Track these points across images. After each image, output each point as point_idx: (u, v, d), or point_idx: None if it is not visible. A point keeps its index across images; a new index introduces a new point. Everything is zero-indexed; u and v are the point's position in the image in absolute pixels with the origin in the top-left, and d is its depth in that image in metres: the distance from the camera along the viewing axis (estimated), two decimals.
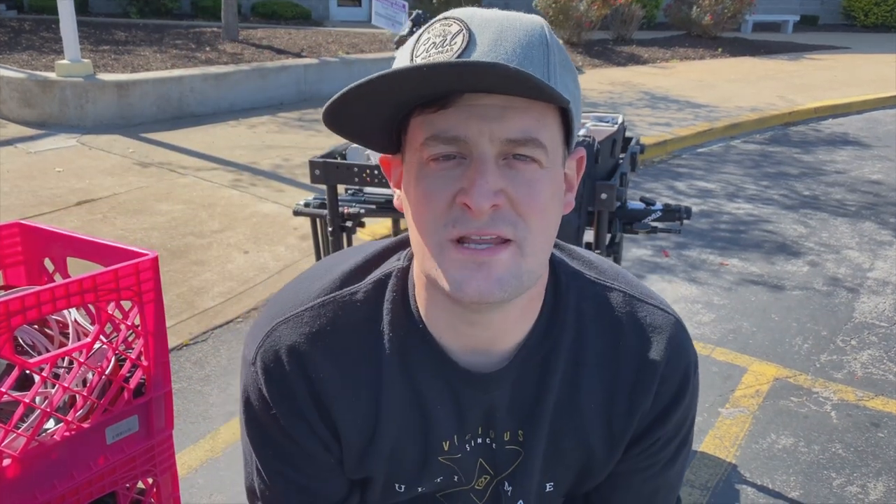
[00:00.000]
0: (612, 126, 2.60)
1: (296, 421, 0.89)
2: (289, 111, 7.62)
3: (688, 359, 0.91)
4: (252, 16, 12.45)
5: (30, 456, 1.23)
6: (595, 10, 12.20)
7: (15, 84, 6.62)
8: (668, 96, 9.08)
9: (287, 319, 0.88)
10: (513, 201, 0.73)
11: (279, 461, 0.93)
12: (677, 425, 0.93)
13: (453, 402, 0.89)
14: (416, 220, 0.77)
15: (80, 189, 4.94)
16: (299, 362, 0.87)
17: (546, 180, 0.75)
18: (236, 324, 3.34)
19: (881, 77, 11.11)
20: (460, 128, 0.72)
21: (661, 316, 0.90)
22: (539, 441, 0.91)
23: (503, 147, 0.72)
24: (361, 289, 0.89)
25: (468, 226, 0.73)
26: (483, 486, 0.96)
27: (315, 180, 2.37)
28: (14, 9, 10.87)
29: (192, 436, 2.58)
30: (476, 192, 0.71)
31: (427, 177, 0.75)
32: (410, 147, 0.77)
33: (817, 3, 21.06)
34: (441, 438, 0.91)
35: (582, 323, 0.89)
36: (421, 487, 0.96)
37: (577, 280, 0.90)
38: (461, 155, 0.73)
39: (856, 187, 5.83)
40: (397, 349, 0.87)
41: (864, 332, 3.44)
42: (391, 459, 0.92)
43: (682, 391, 0.90)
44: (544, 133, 0.74)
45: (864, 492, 2.36)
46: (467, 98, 0.71)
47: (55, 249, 1.53)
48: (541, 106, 0.73)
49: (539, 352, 0.87)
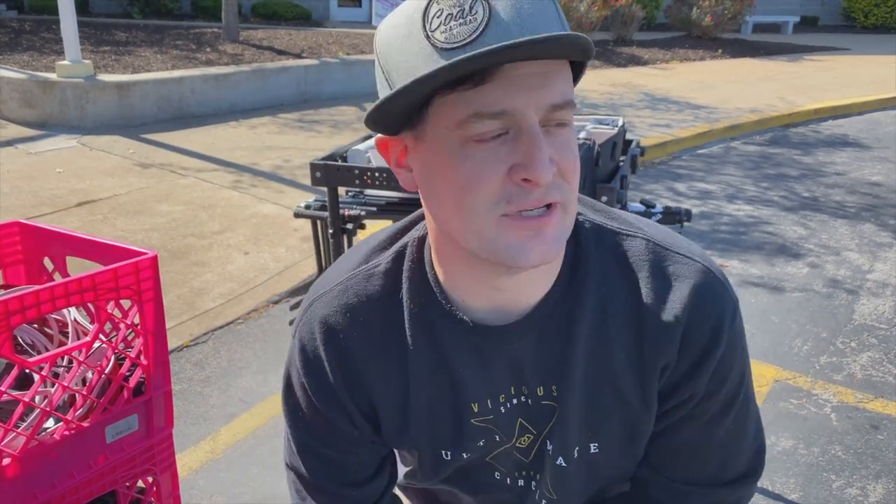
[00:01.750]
0: (613, 128, 2.61)
1: (324, 394, 0.92)
2: (289, 112, 7.62)
3: (720, 307, 0.87)
4: (252, 16, 12.45)
5: (29, 455, 1.24)
6: (595, 11, 12.21)
7: (15, 84, 6.63)
8: (669, 97, 9.08)
9: (320, 296, 0.93)
10: (560, 167, 0.75)
11: (308, 434, 0.97)
12: (718, 378, 0.89)
13: (478, 361, 0.89)
14: (457, 201, 0.75)
15: (81, 190, 4.94)
16: (330, 334, 0.91)
17: (574, 140, 0.78)
18: (237, 325, 3.34)
19: (881, 78, 11.11)
20: (506, 101, 0.70)
21: (686, 263, 0.87)
22: (573, 395, 0.89)
23: (546, 114, 0.73)
24: (383, 261, 0.92)
25: (527, 198, 0.73)
26: (527, 445, 0.96)
27: (316, 182, 2.37)
28: (14, 9, 10.87)
29: (193, 437, 2.58)
30: (539, 167, 0.71)
31: (471, 157, 0.73)
32: (438, 126, 0.74)
33: (817, 4, 21.06)
34: (470, 400, 0.91)
35: (605, 272, 0.87)
36: (466, 453, 0.96)
37: (597, 231, 0.89)
38: (503, 130, 0.72)
39: (856, 189, 5.83)
40: (417, 315, 0.89)
41: (864, 333, 3.44)
42: (429, 425, 0.93)
43: (714, 341, 0.86)
44: (572, 93, 0.76)
45: (863, 494, 2.35)
46: (507, 70, 0.69)
47: (54, 248, 1.53)
48: (565, 65, 0.75)
49: (564, 304, 0.87)
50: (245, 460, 2.47)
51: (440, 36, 0.70)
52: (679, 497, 0.97)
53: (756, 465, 0.98)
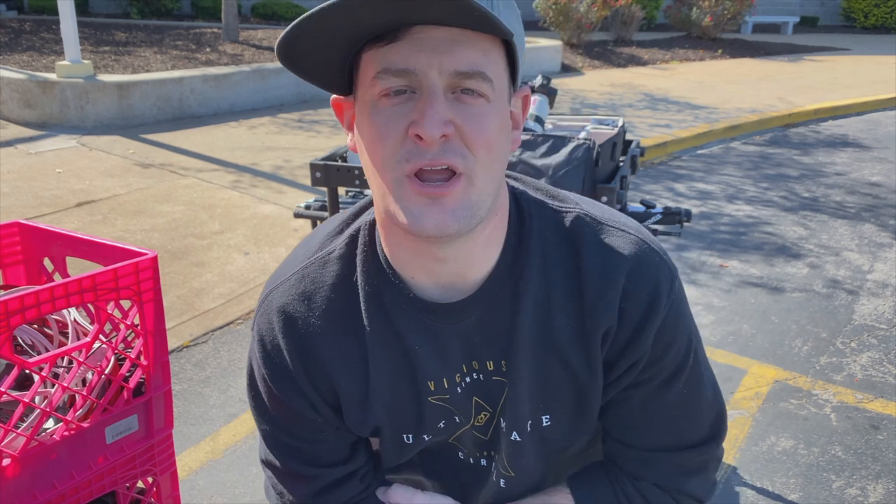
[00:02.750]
0: (613, 129, 2.61)
1: (285, 383, 0.93)
2: (289, 112, 7.62)
3: (655, 275, 0.89)
4: (252, 16, 12.46)
5: (29, 455, 1.23)
6: (595, 12, 12.21)
7: (15, 85, 6.63)
8: (668, 98, 9.08)
9: (277, 286, 0.95)
10: (462, 133, 0.76)
11: (274, 426, 0.98)
12: (662, 344, 0.91)
13: (431, 339, 0.91)
14: (371, 157, 0.79)
15: (81, 190, 4.94)
16: (288, 322, 0.92)
17: (493, 114, 0.78)
18: (237, 325, 3.34)
19: (881, 78, 11.12)
20: (410, 60, 0.74)
21: (622, 236, 0.90)
22: (521, 368, 0.92)
23: (451, 80, 0.75)
24: (337, 247, 0.94)
25: (421, 157, 0.75)
26: (483, 422, 0.98)
27: (316, 183, 2.37)
28: (14, 9, 10.88)
29: (193, 437, 2.58)
30: (427, 122, 0.73)
31: (379, 114, 0.77)
32: (362, 85, 0.79)
33: (817, 4, 21.07)
34: (427, 378, 0.93)
35: (546, 248, 0.90)
36: (427, 435, 0.98)
37: (539, 208, 0.92)
38: (411, 89, 0.75)
39: (856, 189, 5.83)
40: (372, 296, 0.91)
41: (864, 334, 3.44)
42: (390, 408, 0.95)
43: (653, 307, 0.88)
44: (491, 68, 0.76)
45: (863, 494, 2.35)
46: (416, 31, 0.73)
47: (54, 249, 1.53)
48: (486, 40, 0.76)
49: (508, 279, 0.89)
50: (245, 460, 2.47)
51: None
52: (645, 464, 0.99)
53: (718, 427, 1.00)
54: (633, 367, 0.92)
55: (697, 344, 0.96)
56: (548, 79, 2.59)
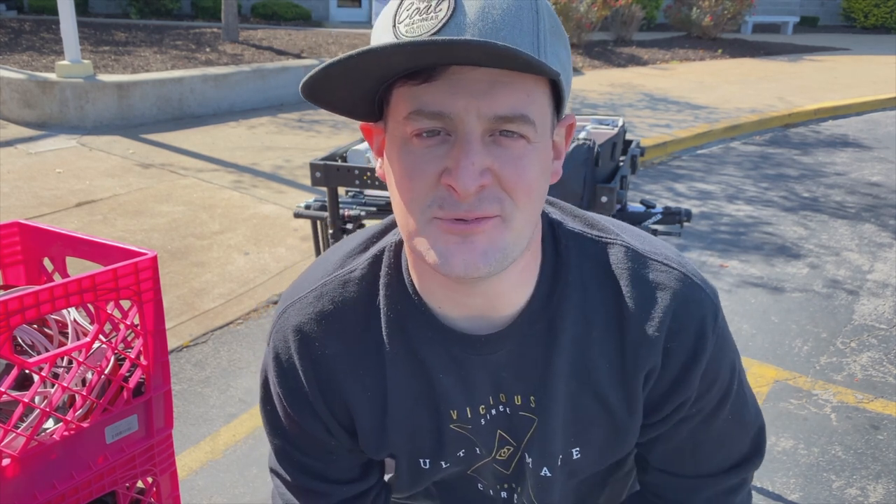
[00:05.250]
0: (613, 129, 2.61)
1: (299, 404, 0.91)
2: (289, 112, 7.62)
3: (701, 314, 0.86)
4: (252, 16, 12.45)
5: (29, 455, 1.23)
6: (595, 12, 12.21)
7: (15, 85, 6.63)
8: (668, 97, 9.08)
9: (294, 303, 0.91)
10: (500, 179, 0.71)
11: (286, 442, 0.96)
12: (708, 380, 0.88)
13: (457, 370, 0.88)
14: (400, 194, 0.75)
15: (81, 190, 4.94)
16: (304, 342, 0.89)
17: (534, 156, 0.73)
18: (236, 325, 3.34)
19: (881, 78, 11.12)
20: (446, 103, 0.69)
21: (665, 271, 0.87)
22: (553, 405, 0.89)
23: (491, 124, 0.70)
24: (359, 267, 0.90)
25: (456, 208, 0.71)
26: (506, 457, 0.95)
27: (316, 183, 2.37)
28: (14, 9, 10.88)
29: (193, 437, 2.58)
30: (461, 174, 0.68)
31: (410, 153, 0.72)
32: (393, 118, 0.74)
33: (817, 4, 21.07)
34: (449, 407, 0.90)
35: (585, 282, 0.86)
36: (444, 462, 0.95)
37: (577, 240, 0.88)
38: (446, 131, 0.71)
39: (856, 189, 5.83)
40: (395, 321, 0.88)
41: (864, 334, 3.44)
42: (408, 432, 0.92)
43: (699, 346, 0.86)
44: (533, 108, 0.71)
45: (863, 494, 2.35)
46: (454, 71, 0.68)
47: (54, 249, 1.52)
48: (530, 80, 0.70)
49: (545, 314, 0.85)
50: (245, 460, 2.47)
51: (403, 28, 0.69)
52: (692, 491, 0.97)
53: (759, 443, 0.98)
54: (681, 407, 0.90)
55: (740, 368, 0.94)
56: None
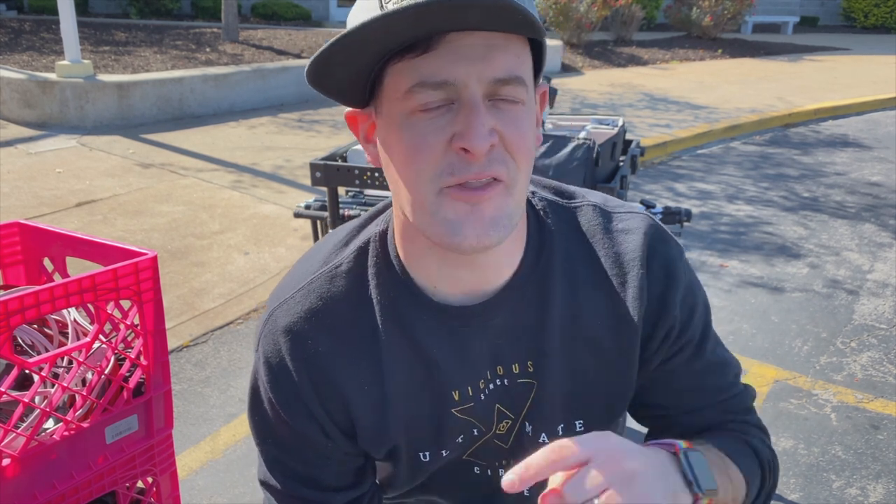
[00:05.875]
0: (613, 129, 2.61)
1: (293, 406, 0.90)
2: (289, 112, 7.62)
3: (667, 244, 0.93)
4: (252, 16, 12.46)
5: (29, 455, 1.23)
6: (595, 12, 12.21)
7: (15, 85, 6.63)
8: (668, 97, 9.08)
9: (281, 304, 0.91)
10: (504, 140, 0.74)
11: (278, 450, 0.94)
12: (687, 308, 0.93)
13: (454, 345, 0.89)
14: (404, 171, 0.76)
15: (81, 190, 4.94)
16: (295, 341, 0.88)
17: (528, 118, 0.77)
18: (237, 325, 3.34)
19: (881, 78, 11.12)
20: (448, 71, 0.70)
21: (630, 218, 0.93)
22: (551, 366, 0.91)
23: (489, 87, 0.72)
24: (345, 261, 0.91)
25: (467, 170, 0.73)
26: (505, 430, 0.96)
27: (316, 182, 2.37)
28: (14, 9, 10.88)
29: (193, 437, 2.58)
30: (475, 135, 0.71)
31: (415, 126, 0.73)
32: (389, 97, 0.75)
33: (817, 4, 21.08)
34: (451, 388, 0.91)
35: (567, 244, 0.91)
36: (445, 451, 0.95)
37: (552, 207, 0.93)
38: (448, 101, 0.73)
39: (856, 189, 5.83)
40: (388, 309, 0.88)
41: (864, 333, 3.44)
42: (407, 424, 0.92)
43: (673, 270, 0.92)
44: (524, 70, 0.75)
45: (863, 494, 2.35)
46: (450, 39, 0.70)
47: (54, 249, 1.53)
48: (518, 43, 0.74)
49: (533, 278, 0.89)
50: (245, 460, 2.47)
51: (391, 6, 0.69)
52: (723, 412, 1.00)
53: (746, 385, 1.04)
54: (669, 335, 0.93)
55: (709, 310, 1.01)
56: (548, 79, 2.59)
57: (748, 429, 1.00)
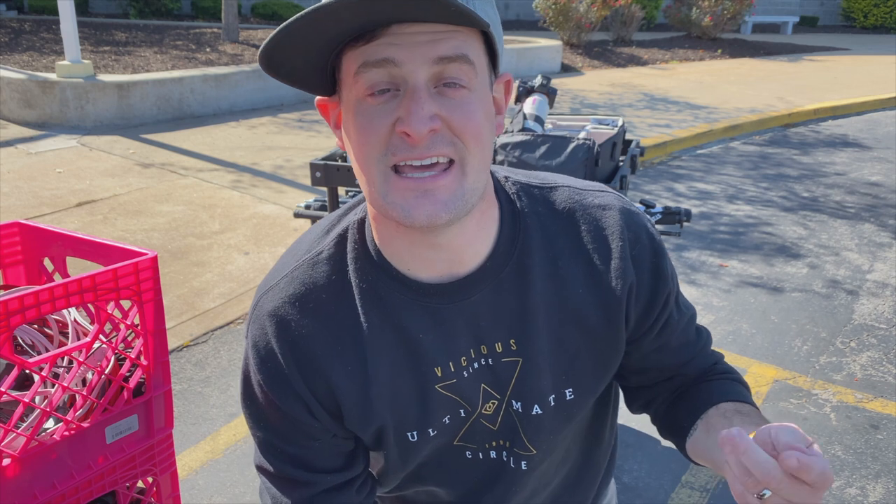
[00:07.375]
0: (612, 129, 2.61)
1: (281, 387, 0.93)
2: (289, 112, 7.63)
3: (641, 218, 0.97)
4: (252, 16, 12.46)
5: (30, 455, 1.24)
6: (595, 12, 12.21)
7: (15, 85, 6.63)
8: (668, 97, 9.09)
9: (267, 291, 0.95)
10: (449, 124, 0.77)
11: (270, 433, 0.97)
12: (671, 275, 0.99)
13: (436, 325, 0.92)
14: (357, 153, 0.81)
15: (81, 190, 4.94)
16: (281, 325, 0.92)
17: (477, 103, 0.79)
18: (237, 325, 3.34)
19: (881, 78, 11.12)
20: (390, 51, 0.75)
21: (603, 195, 0.97)
22: (535, 342, 0.93)
23: (435, 70, 0.76)
24: (325, 248, 0.95)
25: (408, 151, 0.77)
26: (492, 411, 0.98)
27: (316, 182, 2.37)
28: (14, 9, 10.88)
29: (193, 437, 2.58)
30: (413, 119, 0.75)
31: (364, 111, 0.78)
32: (346, 84, 0.80)
33: (817, 4, 21.08)
34: (433, 364, 0.93)
35: (544, 224, 0.94)
36: (432, 430, 0.97)
37: (524, 189, 0.96)
38: (395, 87, 0.77)
39: (855, 189, 5.84)
40: (367, 292, 0.92)
41: (864, 333, 3.44)
42: (392, 403, 0.94)
43: (655, 243, 0.96)
44: (472, 51, 0.78)
45: (863, 493, 2.36)
46: (396, 28, 0.75)
47: (54, 249, 1.53)
48: (464, 33, 0.77)
49: (510, 257, 0.92)
50: (245, 460, 2.47)
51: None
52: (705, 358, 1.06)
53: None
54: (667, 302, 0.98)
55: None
56: (547, 79, 2.59)
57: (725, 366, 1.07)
